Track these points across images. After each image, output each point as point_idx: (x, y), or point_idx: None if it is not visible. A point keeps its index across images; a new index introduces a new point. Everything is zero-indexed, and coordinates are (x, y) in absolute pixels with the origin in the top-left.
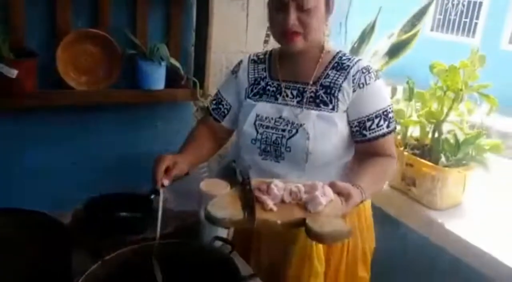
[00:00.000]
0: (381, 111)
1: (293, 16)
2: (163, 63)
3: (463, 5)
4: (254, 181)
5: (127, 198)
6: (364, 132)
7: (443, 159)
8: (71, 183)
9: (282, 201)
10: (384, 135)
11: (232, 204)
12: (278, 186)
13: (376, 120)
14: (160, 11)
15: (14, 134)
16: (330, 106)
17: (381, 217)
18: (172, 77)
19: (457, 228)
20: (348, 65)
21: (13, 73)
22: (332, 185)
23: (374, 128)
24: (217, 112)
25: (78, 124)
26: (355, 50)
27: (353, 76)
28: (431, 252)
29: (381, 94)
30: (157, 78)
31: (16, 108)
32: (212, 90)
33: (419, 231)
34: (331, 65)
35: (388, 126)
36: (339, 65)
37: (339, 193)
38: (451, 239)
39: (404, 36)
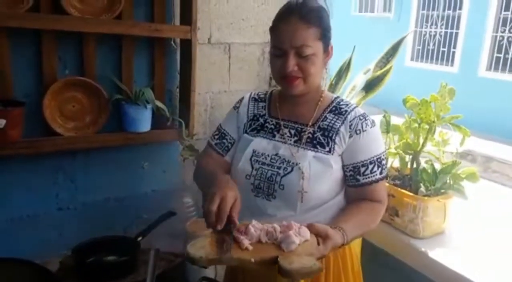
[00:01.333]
0: (375, 158)
1: (292, 62)
2: (149, 106)
3: (440, 36)
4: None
5: (115, 241)
6: (358, 177)
7: (422, 188)
8: (58, 229)
9: (260, 241)
10: (377, 181)
11: (210, 244)
12: (255, 227)
13: (370, 166)
14: (145, 56)
15: None
16: (327, 149)
17: (365, 247)
18: (158, 119)
19: (440, 256)
20: (346, 111)
21: (1, 123)
22: (310, 226)
23: (367, 174)
24: (220, 146)
25: (64, 170)
26: (333, 87)
27: (350, 121)
28: (417, 280)
29: (377, 141)
30: (143, 121)
31: (1, 157)
32: (197, 130)
33: (403, 260)
34: (329, 109)
35: (381, 173)
36: (337, 109)
37: (317, 234)
38: (435, 267)
39: (379, 72)
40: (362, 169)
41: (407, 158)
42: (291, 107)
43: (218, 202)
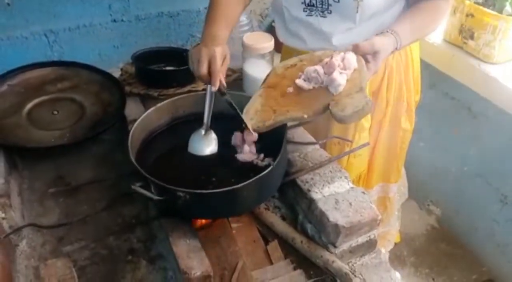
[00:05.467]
0: None
1: None
2: None
3: None
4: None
5: (173, 52)
6: None
7: (508, 7)
8: (113, 40)
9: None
10: None
11: (263, 106)
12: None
13: None
14: None
15: None
16: None
17: (429, 72)
18: None
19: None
20: None
21: None
22: (355, 49)
23: None
24: None
25: None
26: None
27: None
28: (478, 107)
29: None
30: None
31: None
32: None
33: (469, 86)
34: None
35: None
36: None
37: (364, 54)
38: (503, 92)
39: None
40: None
41: None
42: None
43: (206, 62)
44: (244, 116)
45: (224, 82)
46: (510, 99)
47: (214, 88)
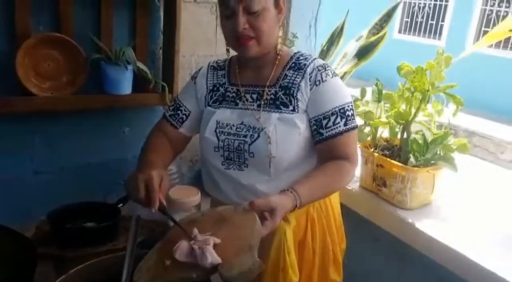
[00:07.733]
0: (337, 109)
1: (242, 20)
2: (130, 67)
3: (429, 8)
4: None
5: (94, 207)
6: (321, 131)
7: (412, 159)
8: (34, 193)
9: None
10: (341, 133)
11: (156, 264)
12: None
13: (333, 118)
14: (125, 13)
15: None
16: (291, 107)
17: (351, 217)
18: (140, 82)
19: (427, 227)
20: (305, 64)
21: None
22: (251, 206)
23: (330, 127)
24: (174, 118)
25: (40, 133)
26: (325, 53)
27: (309, 74)
28: (401, 250)
29: (338, 92)
30: (124, 83)
31: None
32: None
33: (389, 230)
34: (288, 66)
35: (345, 124)
36: (296, 65)
37: (261, 211)
38: (421, 237)
39: (372, 38)
40: (324, 122)
41: (398, 127)
42: (249, 71)
43: (143, 186)
44: (136, 274)
45: (164, 202)
46: (429, 245)
47: (154, 209)
